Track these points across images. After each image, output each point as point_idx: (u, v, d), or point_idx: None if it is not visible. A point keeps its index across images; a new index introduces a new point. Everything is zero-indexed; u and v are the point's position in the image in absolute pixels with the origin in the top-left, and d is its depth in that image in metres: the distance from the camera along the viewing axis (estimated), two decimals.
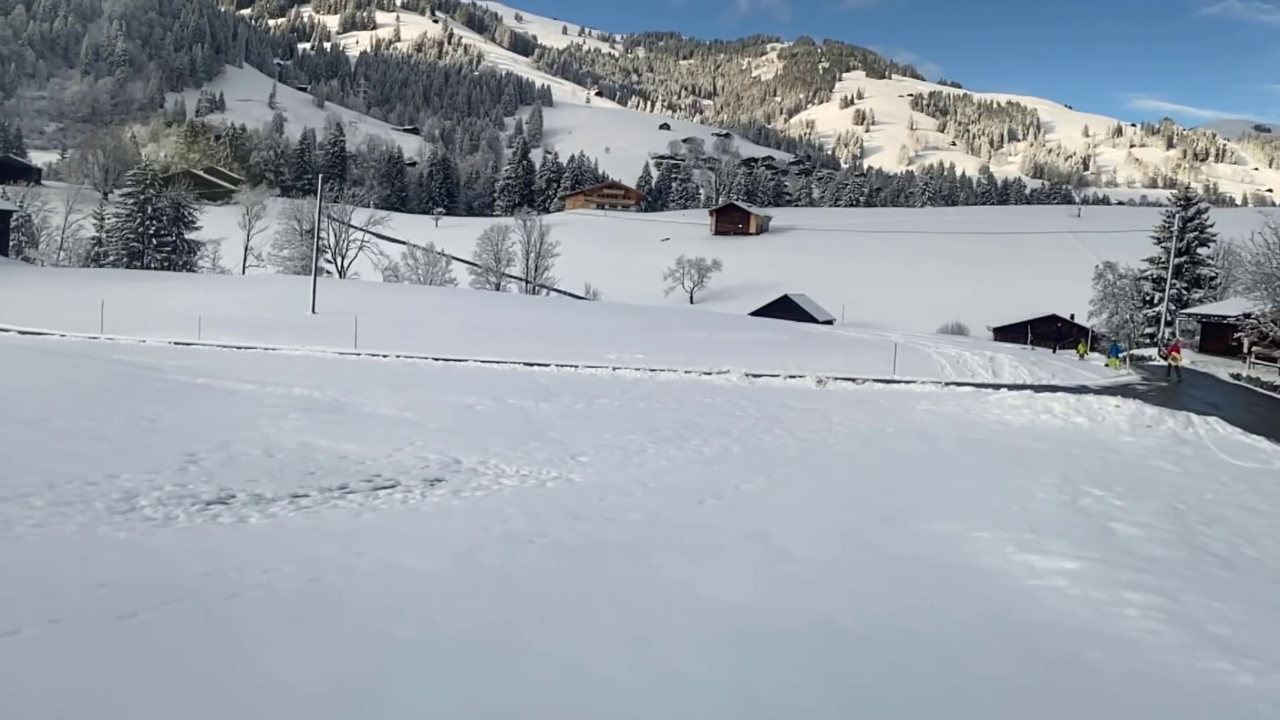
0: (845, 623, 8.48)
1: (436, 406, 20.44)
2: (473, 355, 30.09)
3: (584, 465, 15.61)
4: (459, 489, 13.45)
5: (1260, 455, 20.17)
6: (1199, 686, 7.40)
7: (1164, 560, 11.34)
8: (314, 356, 29.22)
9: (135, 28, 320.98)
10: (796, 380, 28.37)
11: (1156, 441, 20.78)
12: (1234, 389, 32.53)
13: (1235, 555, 12.10)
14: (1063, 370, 32.84)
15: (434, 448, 16.01)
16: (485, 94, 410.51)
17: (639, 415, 21.23)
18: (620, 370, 29.18)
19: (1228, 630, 8.87)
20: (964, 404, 24.51)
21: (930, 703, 6.74)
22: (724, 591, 9.13)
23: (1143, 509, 14.37)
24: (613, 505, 12.82)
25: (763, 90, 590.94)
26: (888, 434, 20.55)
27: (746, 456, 17.16)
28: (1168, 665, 7.88)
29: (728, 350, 33.34)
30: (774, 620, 8.39)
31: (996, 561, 10.91)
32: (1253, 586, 10.63)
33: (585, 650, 7.28)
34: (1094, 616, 9.11)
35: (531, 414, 20.52)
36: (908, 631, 8.32)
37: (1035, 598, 9.63)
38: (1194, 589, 10.13)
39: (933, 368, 32.09)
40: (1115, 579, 10.25)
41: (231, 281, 59.81)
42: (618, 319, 43.39)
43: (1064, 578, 10.28)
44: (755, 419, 21.63)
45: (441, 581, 8.93)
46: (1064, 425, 22.12)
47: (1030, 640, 8.32)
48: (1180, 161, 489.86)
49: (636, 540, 11.03)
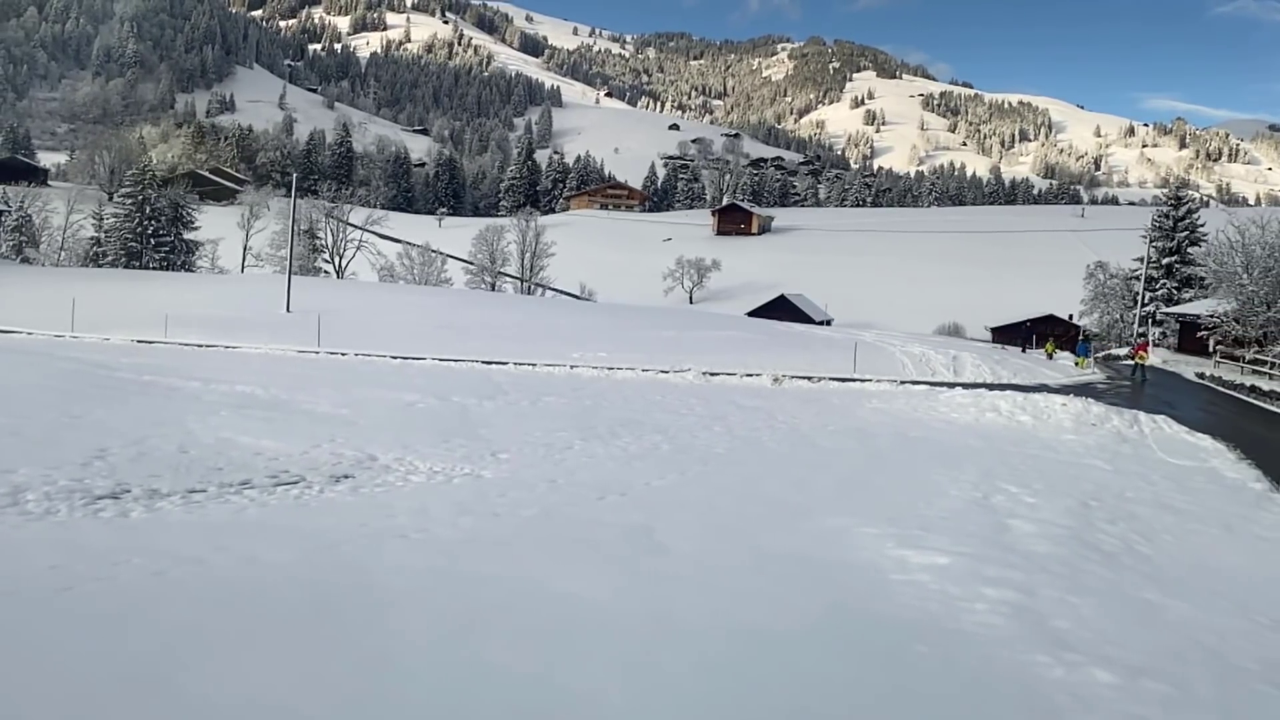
0: (682, 615, 8.50)
1: (376, 404, 20.56)
2: (435, 354, 30.24)
3: (501, 462, 15.69)
4: (361, 485, 13.54)
5: (1199, 454, 20.11)
6: (1003, 679, 7.41)
7: (1043, 556, 11.34)
8: (273, 354, 29.40)
9: (146, 29, 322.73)
10: (753, 379, 28.39)
11: (1097, 440, 20.74)
12: (1196, 388, 32.39)
13: (1124, 552, 12.09)
14: (1025, 369, 32.77)
15: (355, 444, 16.11)
16: (495, 95, 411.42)
17: (581, 413, 21.31)
18: (578, 369, 29.28)
19: (1068, 624, 8.87)
20: (914, 402, 24.50)
21: (720, 691, 6.78)
22: (577, 586, 9.17)
23: (1052, 506, 14.36)
24: (510, 501, 12.89)
25: (773, 90, 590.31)
26: (826, 431, 20.58)
27: (672, 453, 17.21)
28: (987, 658, 7.88)
29: (694, 349, 33.38)
30: (611, 614, 8.42)
31: (871, 556, 10.93)
32: (1122, 582, 10.62)
33: (400, 643, 7.34)
34: (940, 611, 9.13)
35: (471, 411, 20.62)
36: (741, 623, 8.35)
37: (891, 592, 9.65)
38: (1057, 585, 10.13)
39: (894, 366, 32.07)
40: (980, 574, 10.26)
41: (217, 281, 60.17)
42: (593, 318, 43.48)
43: (930, 572, 10.30)
44: (699, 417, 21.68)
45: (287, 575, 9.00)
46: (1008, 424, 22.08)
47: (861, 634, 8.34)
48: (1193, 162, 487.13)
49: (515, 535, 11.09)
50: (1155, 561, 11.90)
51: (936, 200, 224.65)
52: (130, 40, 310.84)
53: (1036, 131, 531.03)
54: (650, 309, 72.80)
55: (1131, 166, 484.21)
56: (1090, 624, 8.96)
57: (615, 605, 8.69)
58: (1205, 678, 7.71)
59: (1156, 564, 11.77)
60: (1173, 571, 11.47)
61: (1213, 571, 11.70)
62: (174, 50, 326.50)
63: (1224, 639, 8.93)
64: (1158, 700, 7.16)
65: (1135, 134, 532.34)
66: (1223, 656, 8.35)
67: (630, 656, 7.33)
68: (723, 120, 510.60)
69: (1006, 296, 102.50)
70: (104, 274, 63.09)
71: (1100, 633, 8.70)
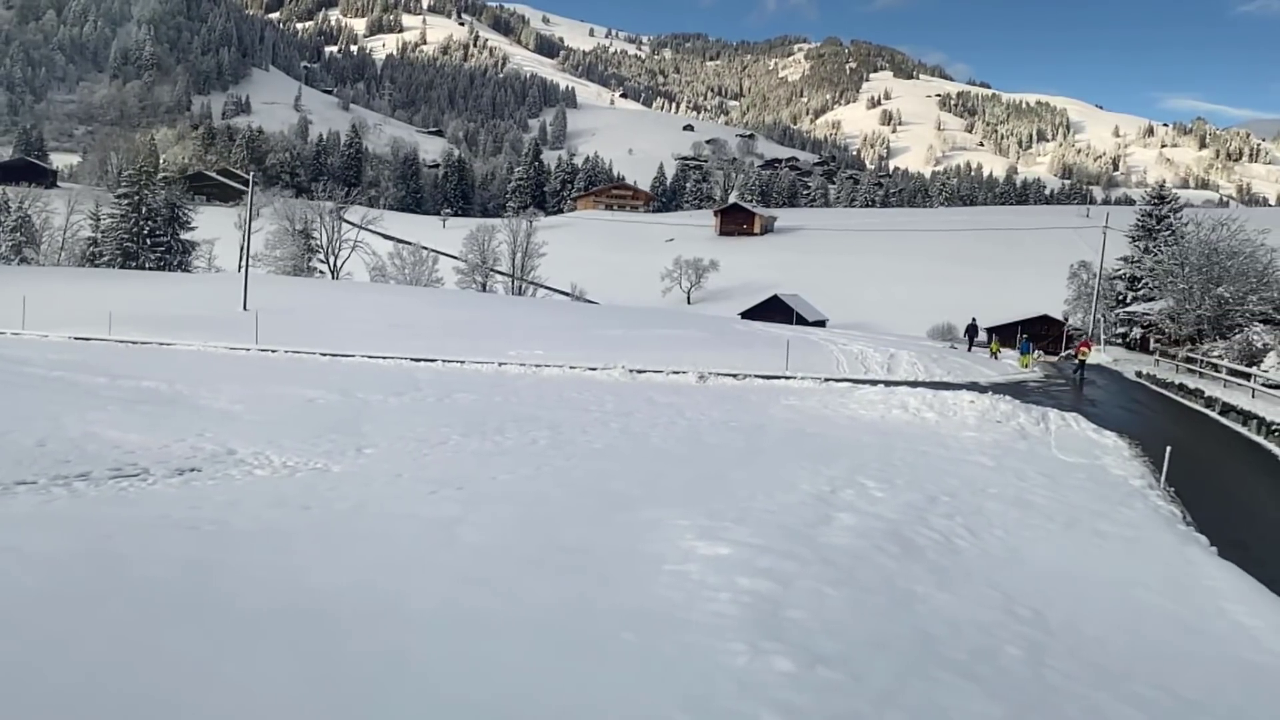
0: (414, 604, 8.55)
1: (275, 400, 20.73)
2: (371, 351, 30.46)
3: (361, 456, 15.80)
4: (198, 479, 13.68)
5: (1096, 450, 20.00)
6: (681, 666, 7.42)
7: (838, 548, 11.33)
8: (204, 351, 29.70)
9: (163, 32, 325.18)
10: (679, 376, 28.41)
11: (995, 437, 20.65)
12: (1130, 385, 32.16)
13: (935, 546, 12.06)
14: (962, 368, 32.64)
15: (222, 439, 16.26)
16: (509, 96, 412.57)
17: (483, 409, 21.40)
18: (507, 366, 29.39)
19: (801, 615, 8.88)
20: (828, 399, 24.48)
21: (375, 678, 6.84)
22: (320, 578, 9.19)
23: (895, 501, 14.35)
24: (336, 495, 12.98)
25: (789, 91, 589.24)
26: (723, 427, 20.60)
27: (545, 449, 17.27)
28: (686, 646, 7.89)
29: (638, 347, 33.44)
30: (329, 605, 8.42)
31: (661, 548, 10.93)
32: (900, 575, 10.58)
33: (87, 629, 7.41)
34: (682, 600, 9.15)
35: (370, 408, 20.75)
36: (464, 612, 8.42)
37: (649, 582, 9.66)
38: (825, 576, 10.12)
39: (829, 364, 32.02)
40: (752, 565, 10.26)
41: (193, 280, 60.68)
42: (554, 317, 43.65)
43: (703, 563, 10.33)
44: (602, 413, 21.73)
45: (35, 562, 9.11)
46: (911, 420, 22.01)
47: (578, 622, 8.35)
48: (1213, 161, 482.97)
49: (306, 527, 11.18)
50: (963, 556, 11.87)
51: (947, 200, 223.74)
52: (147, 43, 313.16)
53: (1054, 132, 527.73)
54: (621, 308, 72.94)
55: (1150, 167, 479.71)
56: (823, 615, 8.96)
57: (343, 595, 8.68)
58: (890, 667, 7.72)
59: (961, 558, 11.74)
60: (972, 565, 11.44)
61: (1015, 565, 11.68)
62: (190, 52, 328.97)
63: (956, 629, 8.93)
64: (816, 687, 7.17)
65: (1154, 134, 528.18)
66: (933, 646, 8.34)
67: (312, 647, 7.37)
68: (738, 121, 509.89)
69: (1006, 296, 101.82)
70: (88, 273, 63.75)
71: (826, 623, 8.71)
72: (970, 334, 46.41)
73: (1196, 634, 9.77)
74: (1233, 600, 10.88)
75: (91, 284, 48.45)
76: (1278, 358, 25.99)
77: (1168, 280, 37.14)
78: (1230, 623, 10.18)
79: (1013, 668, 8.08)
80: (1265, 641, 9.64)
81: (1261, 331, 29.17)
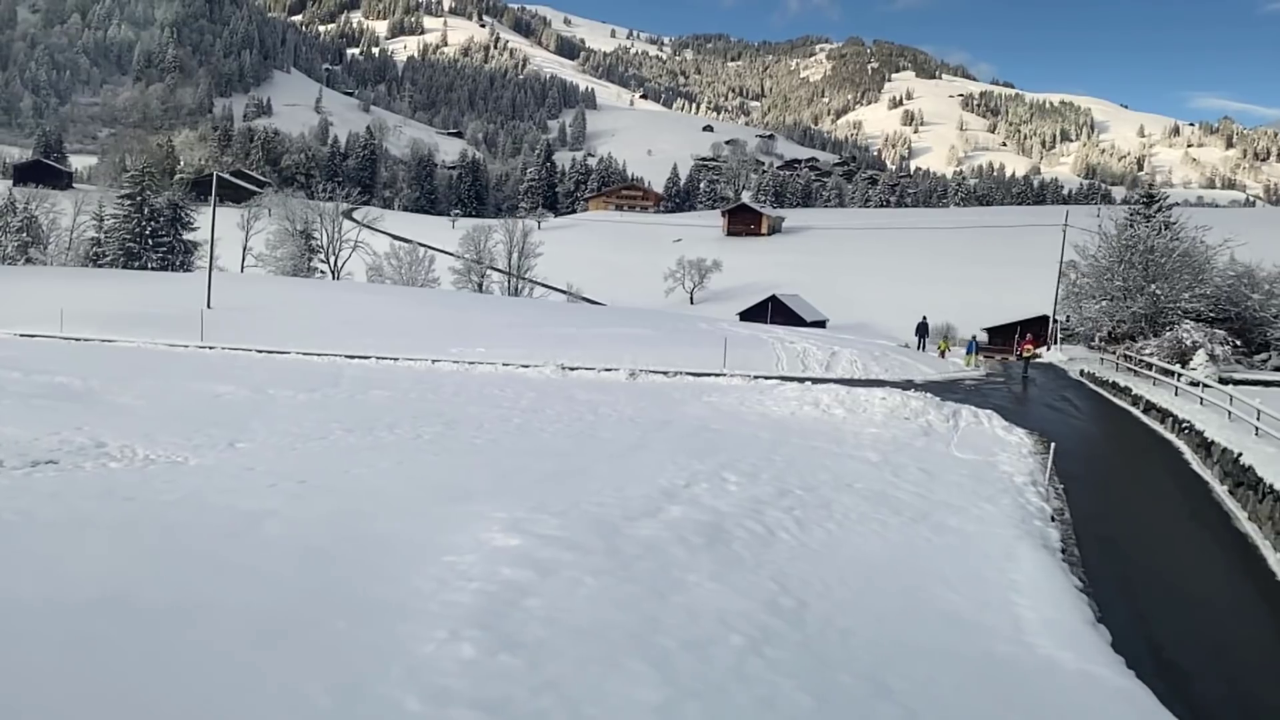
0: (146, 595, 8.67)
1: (180, 395, 20.97)
2: (315, 349, 30.75)
3: (228, 451, 15.94)
4: (50, 470, 13.84)
5: (997, 447, 19.86)
6: (373, 652, 7.55)
7: (636, 540, 11.36)
8: (143, 348, 30.14)
9: (186, 35, 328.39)
10: (610, 373, 28.47)
11: (895, 434, 20.56)
12: (1069, 383, 31.88)
13: (748, 539, 12.03)
14: (901, 365, 32.45)
15: (97, 432, 16.43)
16: (529, 97, 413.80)
17: (388, 405, 21.54)
18: (440, 363, 29.57)
19: (538, 603, 8.97)
20: (747, 396, 24.45)
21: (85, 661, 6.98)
22: (83, 567, 9.35)
23: (741, 494, 14.36)
24: (167, 487, 13.09)
25: (810, 91, 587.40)
26: (626, 423, 20.68)
27: (422, 444, 17.37)
28: (390, 633, 7.99)
29: (584, 344, 33.45)
30: (64, 595, 8.53)
31: (458, 540, 10.97)
32: (685, 564, 10.60)
33: None
34: (431, 590, 9.25)
35: (274, 403, 20.96)
36: (202, 599, 8.54)
37: (413, 573, 9.73)
38: (591, 568, 10.14)
39: (769, 362, 31.96)
40: (528, 556, 10.31)
41: (174, 279, 61.36)
42: (514, 315, 43.82)
43: (483, 555, 10.40)
44: (509, 410, 21.78)
45: None
46: (819, 416, 21.96)
47: (295, 611, 8.44)
48: (1240, 161, 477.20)
49: (112, 519, 11.27)
50: (774, 548, 11.86)
51: (962, 200, 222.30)
52: (170, 46, 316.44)
53: (1078, 131, 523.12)
54: (591, 308, 73.41)
55: (1175, 167, 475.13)
56: (561, 604, 9.02)
57: (74, 588, 8.67)
58: (581, 654, 7.77)
59: (770, 550, 11.72)
60: (774, 557, 11.42)
61: (822, 558, 11.66)
62: (213, 55, 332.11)
63: (693, 618, 8.97)
64: (486, 673, 7.27)
65: (1180, 134, 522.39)
66: (650, 635, 8.37)
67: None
68: (759, 122, 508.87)
69: (1008, 296, 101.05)
70: (77, 273, 64.61)
71: (556, 612, 8.79)
72: (920, 333, 46.62)
73: (960, 627, 9.73)
74: (1025, 594, 10.83)
75: (74, 283, 49.12)
76: (1206, 355, 25.75)
77: (1104, 278, 36.91)
78: (1006, 616, 10.13)
79: (718, 656, 8.10)
80: (1026, 635, 9.60)
81: (1191, 329, 28.89)
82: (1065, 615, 10.24)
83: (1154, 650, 10.57)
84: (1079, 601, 10.89)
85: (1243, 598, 13.18)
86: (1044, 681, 8.47)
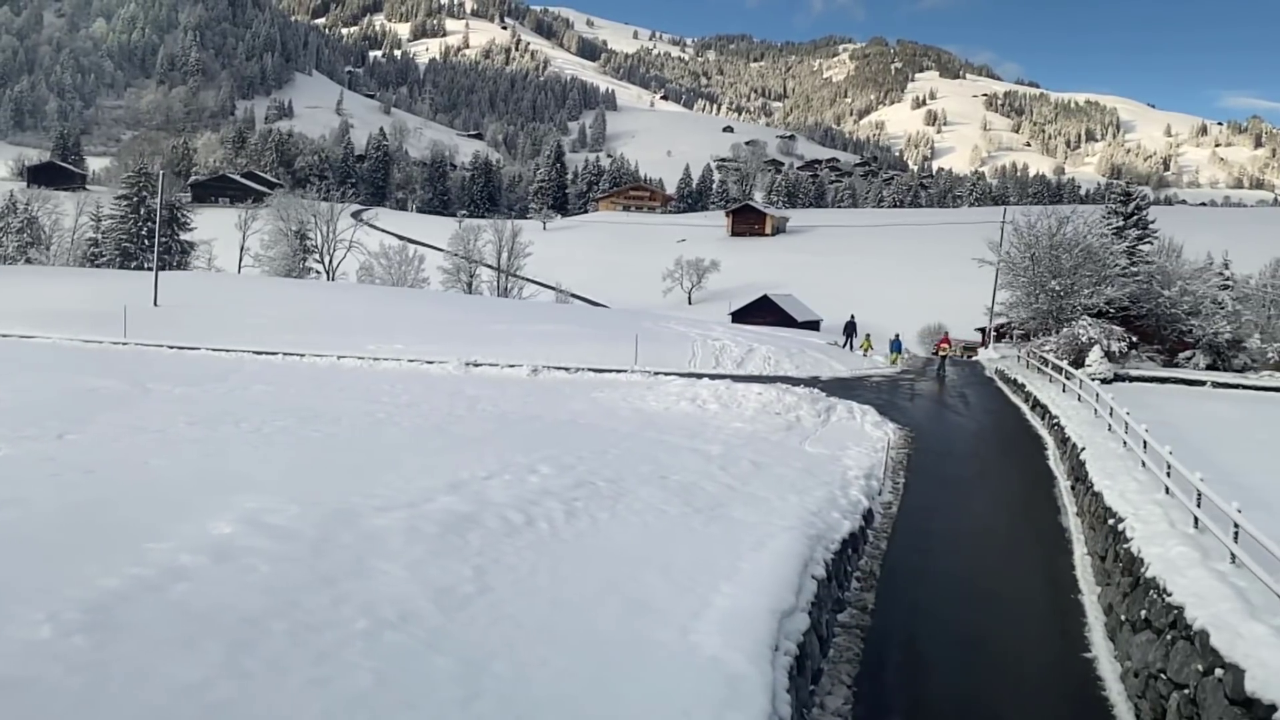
0: None
1: (49, 387, 21.21)
2: (227, 345, 31.11)
3: (52, 443, 16.05)
4: None
5: (849, 443, 19.74)
6: None
7: (369, 530, 11.37)
8: (59, 344, 30.68)
9: (209, 38, 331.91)
10: (513, 369, 28.53)
11: (755, 428, 20.48)
12: (980, 381, 31.73)
13: (497, 527, 11.99)
14: (813, 363, 32.28)
15: None
16: (549, 99, 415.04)
17: (259, 400, 21.72)
18: (345, 359, 29.78)
19: (184, 588, 8.98)
20: (633, 392, 24.44)
21: None
22: None
23: (540, 485, 14.34)
24: None
25: (833, 92, 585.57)
26: (493, 418, 20.82)
27: (258, 437, 17.47)
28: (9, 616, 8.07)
29: (509, 341, 33.54)
30: None
31: (187, 529, 10.88)
32: (373, 556, 10.56)
33: None
34: (92, 574, 9.29)
35: (147, 397, 21.18)
36: None
37: (98, 559, 9.78)
38: (280, 556, 10.10)
39: (683, 359, 31.92)
40: (229, 545, 10.32)
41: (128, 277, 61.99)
42: (444, 312, 44.22)
43: (190, 542, 10.38)
44: (380, 405, 21.85)
45: None
46: (692, 411, 21.92)
47: None
48: (1269, 161, 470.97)
49: None
50: (511, 539, 11.80)
51: (977, 200, 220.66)
52: (193, 49, 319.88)
53: (1104, 131, 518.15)
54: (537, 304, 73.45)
55: (1203, 166, 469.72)
56: (206, 589, 9.00)
57: None
58: (160, 635, 7.79)
59: (504, 540, 11.66)
60: (503, 546, 11.39)
61: (554, 547, 11.63)
62: (235, 58, 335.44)
63: (336, 604, 8.96)
64: (54, 655, 7.27)
65: (1208, 133, 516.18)
66: (263, 620, 8.37)
67: None
68: (780, 122, 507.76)
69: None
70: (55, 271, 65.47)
71: (197, 596, 8.79)
72: (848, 332, 46.56)
73: (637, 613, 9.64)
74: (737, 583, 10.75)
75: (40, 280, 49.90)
76: (1101, 352, 25.42)
77: (1010, 275, 36.63)
78: (694, 603, 10.04)
79: (314, 641, 8.05)
80: (694, 621, 9.52)
81: (1088, 325, 28.49)
82: (756, 603, 10.13)
83: (879, 642, 10.46)
84: (787, 591, 10.77)
85: (1024, 598, 13.05)
86: (662, 665, 8.39)
